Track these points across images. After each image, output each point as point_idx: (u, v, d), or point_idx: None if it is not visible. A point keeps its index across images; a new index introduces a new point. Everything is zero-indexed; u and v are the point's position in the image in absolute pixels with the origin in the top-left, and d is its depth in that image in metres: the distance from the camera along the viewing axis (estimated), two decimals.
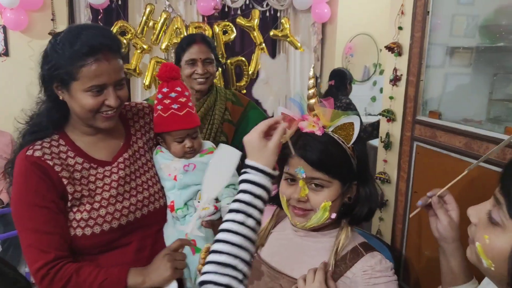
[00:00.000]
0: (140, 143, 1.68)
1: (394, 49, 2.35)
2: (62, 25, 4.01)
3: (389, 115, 2.39)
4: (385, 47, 2.41)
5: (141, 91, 4.46)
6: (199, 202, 1.63)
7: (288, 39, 4.79)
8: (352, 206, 1.30)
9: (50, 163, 1.45)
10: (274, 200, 1.37)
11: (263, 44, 4.64)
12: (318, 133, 1.23)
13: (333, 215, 1.25)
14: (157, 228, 1.64)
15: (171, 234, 1.62)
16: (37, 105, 1.54)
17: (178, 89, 1.64)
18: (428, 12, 2.11)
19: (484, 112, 2.06)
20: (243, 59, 4.61)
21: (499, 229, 0.85)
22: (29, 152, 1.45)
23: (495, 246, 0.85)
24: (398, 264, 2.30)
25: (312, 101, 1.26)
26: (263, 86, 1.35)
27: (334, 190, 1.24)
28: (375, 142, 3.20)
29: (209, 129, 2.30)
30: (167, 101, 1.64)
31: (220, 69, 4.38)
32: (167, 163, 1.67)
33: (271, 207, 1.47)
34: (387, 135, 2.43)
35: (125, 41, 4.18)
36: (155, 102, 1.69)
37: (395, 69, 2.37)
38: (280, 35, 4.76)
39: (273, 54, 4.80)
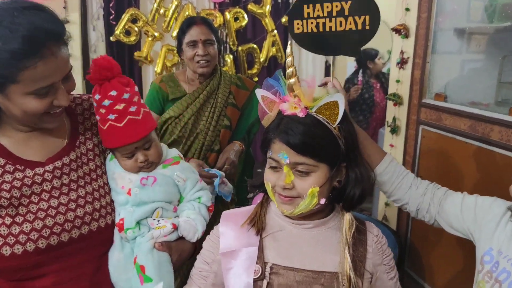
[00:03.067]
0: (90, 144, 1.38)
1: (400, 31, 2.30)
2: (74, 13, 4.03)
3: (395, 99, 2.35)
4: (391, 29, 2.36)
5: (153, 79, 4.47)
6: (154, 219, 1.38)
7: None
8: (343, 190, 1.25)
9: None
10: (261, 187, 1.31)
11: (275, 31, 4.59)
12: (301, 114, 1.16)
13: (322, 201, 1.19)
14: (102, 251, 1.35)
15: (117, 259, 1.35)
16: None
17: (113, 93, 1.29)
18: None
19: (492, 95, 2.02)
20: (255, 46, 4.57)
21: None
22: None
23: None
24: (404, 250, 2.27)
25: (292, 80, 1.19)
26: None
27: (322, 174, 1.17)
28: None
29: (212, 113, 2.28)
30: (102, 111, 1.31)
31: (231, 56, 4.37)
32: (121, 174, 1.38)
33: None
34: (394, 119, 2.39)
35: (136, 28, 4.19)
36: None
37: (401, 52, 2.32)
38: None
39: (285, 41, 4.76)
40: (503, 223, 1.21)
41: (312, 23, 1.41)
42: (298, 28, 1.45)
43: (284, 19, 4.65)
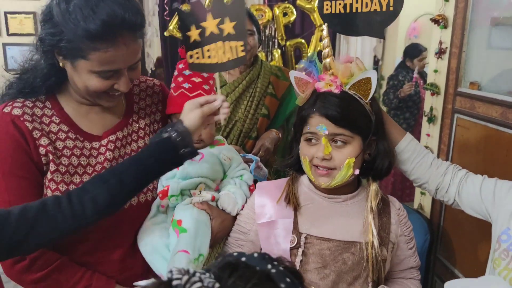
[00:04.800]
0: (142, 123, 1.47)
1: (439, 21, 2.32)
2: None
3: (433, 88, 2.37)
4: (430, 19, 2.38)
5: None
6: (196, 190, 1.48)
7: None
8: (372, 162, 1.35)
9: (29, 126, 1.23)
10: (295, 165, 1.41)
11: (323, 26, 4.64)
12: (336, 91, 1.27)
13: (356, 171, 1.30)
14: (139, 226, 1.44)
15: (148, 226, 1.44)
16: (31, 55, 1.30)
17: None
18: None
19: None
20: (303, 41, 4.64)
21: None
22: (7, 109, 1.24)
23: None
24: (436, 238, 2.29)
25: (328, 60, 1.31)
26: None
27: (356, 145, 1.28)
28: None
29: (250, 101, 2.40)
30: (180, 79, 1.46)
31: (279, 51, 4.46)
32: None
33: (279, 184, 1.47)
34: (431, 109, 2.41)
35: None
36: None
37: (440, 42, 2.34)
38: None
39: (333, 35, 4.80)
40: None
41: (340, 4, 1.43)
42: (327, 9, 1.49)
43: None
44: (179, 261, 1.28)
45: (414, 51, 4.41)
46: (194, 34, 1.29)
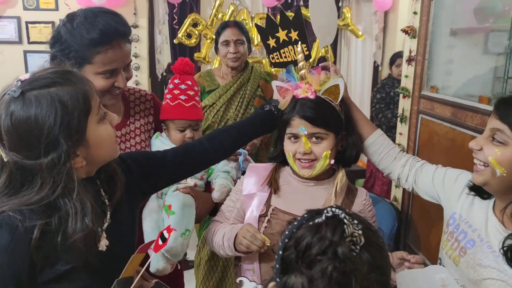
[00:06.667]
0: (137, 124, 1.76)
1: (409, 32, 2.60)
2: (143, 18, 4.63)
3: (403, 91, 2.65)
4: (401, 30, 2.66)
5: None
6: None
7: (349, 28, 5.04)
8: (343, 152, 1.60)
9: None
10: (279, 158, 1.67)
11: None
12: (312, 96, 1.51)
13: (332, 161, 1.55)
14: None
15: (151, 207, 1.71)
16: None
17: (189, 82, 1.76)
18: None
19: (489, 89, 2.26)
20: None
21: (504, 146, 1.20)
22: None
23: (505, 155, 1.20)
24: (405, 225, 2.56)
25: (303, 71, 1.57)
26: None
27: (331, 140, 1.52)
28: None
29: (241, 102, 2.71)
30: (176, 92, 1.75)
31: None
32: (164, 147, 1.69)
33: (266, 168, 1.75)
34: (403, 110, 2.68)
35: (196, 32, 4.71)
36: (166, 91, 1.80)
37: (410, 51, 2.62)
38: (341, 24, 5.01)
39: (334, 43, 5.07)
40: (465, 193, 1.44)
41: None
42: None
43: None
44: None
45: (392, 57, 4.43)
46: (271, 42, 1.71)
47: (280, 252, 0.83)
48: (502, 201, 1.29)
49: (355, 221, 0.81)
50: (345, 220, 0.79)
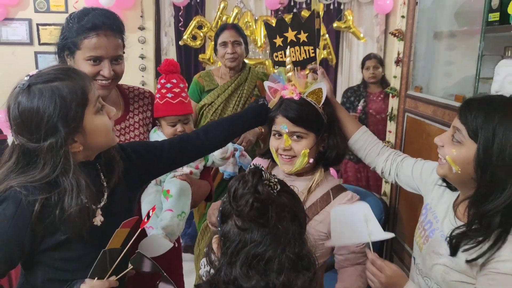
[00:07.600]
0: (136, 118, 1.89)
1: (397, 35, 2.74)
2: (149, 21, 4.80)
3: (392, 91, 2.79)
4: (390, 33, 2.80)
5: None
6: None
7: (350, 30, 5.16)
8: (324, 153, 1.70)
9: None
10: (267, 154, 1.80)
11: (327, 35, 5.05)
12: (296, 98, 1.63)
13: (311, 160, 1.64)
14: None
15: (150, 192, 1.87)
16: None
17: (174, 81, 1.90)
18: (417, 2, 2.49)
19: (471, 90, 2.39)
20: None
21: (460, 145, 1.29)
22: None
23: (460, 155, 1.29)
24: (393, 218, 2.70)
25: (290, 74, 1.70)
26: None
27: (311, 140, 1.62)
28: None
29: (238, 101, 2.87)
30: (163, 91, 1.89)
31: None
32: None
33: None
34: (392, 109, 2.82)
35: (201, 34, 4.87)
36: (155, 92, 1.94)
37: (398, 52, 2.76)
38: (343, 26, 5.13)
39: (336, 44, 5.20)
40: (438, 185, 1.51)
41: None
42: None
43: (335, 24, 5.11)
44: (165, 217, 1.77)
45: (362, 61, 4.23)
46: (278, 41, 1.78)
47: (220, 208, 1.06)
48: (462, 194, 1.39)
49: (273, 174, 1.06)
50: (263, 170, 1.04)
